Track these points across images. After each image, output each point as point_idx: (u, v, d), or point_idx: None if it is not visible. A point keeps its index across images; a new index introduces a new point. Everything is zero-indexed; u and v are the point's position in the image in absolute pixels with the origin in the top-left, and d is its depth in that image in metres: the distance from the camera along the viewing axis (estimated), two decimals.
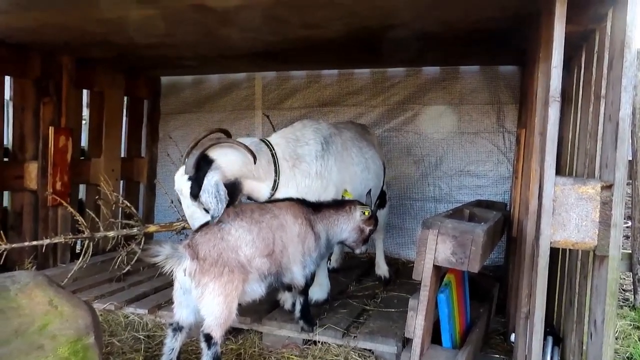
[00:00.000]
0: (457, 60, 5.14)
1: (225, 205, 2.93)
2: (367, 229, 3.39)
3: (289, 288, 3.20)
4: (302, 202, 3.26)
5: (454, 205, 4.88)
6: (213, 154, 3.06)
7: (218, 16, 3.47)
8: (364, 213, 3.34)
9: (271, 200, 3.30)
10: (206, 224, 2.89)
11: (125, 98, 5.86)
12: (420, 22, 3.55)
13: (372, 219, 3.40)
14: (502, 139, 5.19)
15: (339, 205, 3.39)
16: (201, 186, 2.97)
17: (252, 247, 2.87)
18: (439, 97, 5.35)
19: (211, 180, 2.97)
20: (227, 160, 3.08)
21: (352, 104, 5.59)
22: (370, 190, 3.66)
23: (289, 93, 5.76)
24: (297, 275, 3.10)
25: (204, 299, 2.72)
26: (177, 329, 2.89)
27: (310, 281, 3.27)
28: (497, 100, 5.19)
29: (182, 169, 3.06)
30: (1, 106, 4.49)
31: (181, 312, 2.87)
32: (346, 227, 3.34)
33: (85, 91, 5.46)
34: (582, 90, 2.76)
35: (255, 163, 3.18)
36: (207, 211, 3.00)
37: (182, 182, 3.03)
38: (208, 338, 2.73)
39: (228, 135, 3.44)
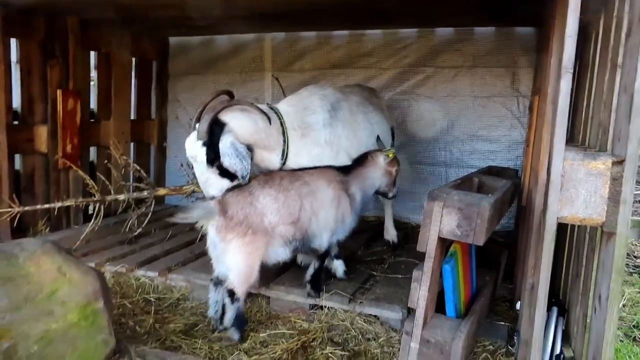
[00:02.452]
0: (471, 21, 4.95)
1: (250, 161, 2.98)
2: (394, 170, 3.49)
3: (315, 252, 3.27)
4: (333, 168, 3.33)
5: (465, 171, 4.84)
6: (225, 117, 3.01)
7: None
8: (387, 155, 3.43)
9: (304, 168, 3.33)
10: (239, 186, 3.00)
11: (133, 60, 5.79)
12: None
13: (395, 160, 3.49)
14: (516, 103, 5.05)
15: (363, 159, 3.45)
16: (217, 151, 2.95)
17: (276, 216, 2.97)
18: (452, 59, 5.19)
19: (226, 142, 2.96)
20: (240, 124, 3.05)
21: (362, 66, 5.45)
22: (378, 136, 3.65)
23: (298, 55, 5.63)
24: (324, 241, 3.20)
25: (227, 255, 2.89)
26: (218, 283, 3.05)
27: (332, 249, 3.36)
28: (512, 64, 5.01)
29: (194, 134, 3.01)
30: (8, 69, 4.46)
31: (218, 267, 3.03)
32: (376, 176, 3.44)
33: (92, 53, 5.40)
34: (598, 57, 2.65)
35: (270, 124, 3.17)
36: (224, 175, 3.01)
37: (196, 149, 2.98)
38: (231, 294, 2.92)
39: (232, 97, 3.39)
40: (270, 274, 3.56)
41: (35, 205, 4.25)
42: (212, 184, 3.06)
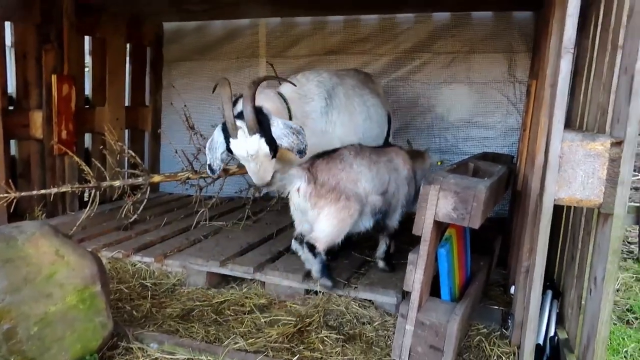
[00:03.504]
0: (469, 5, 4.92)
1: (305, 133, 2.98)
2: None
3: (387, 230, 3.38)
4: (403, 150, 3.52)
5: (460, 157, 4.83)
6: (257, 102, 2.93)
7: None
8: (437, 163, 3.73)
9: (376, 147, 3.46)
10: (325, 153, 3.11)
11: (128, 45, 5.73)
12: None
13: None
14: (512, 89, 5.04)
15: (420, 154, 3.67)
16: (271, 137, 2.90)
17: (371, 183, 3.09)
18: (449, 45, 5.17)
19: (279, 124, 2.93)
20: (272, 106, 3.07)
21: (358, 52, 5.42)
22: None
23: (294, 40, 5.59)
24: (397, 218, 3.35)
25: (319, 220, 3.02)
26: (303, 240, 3.18)
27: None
28: (510, 49, 5.00)
29: (242, 134, 2.88)
30: (2, 53, 4.41)
31: (302, 227, 3.20)
32: (423, 174, 3.53)
33: (87, 38, 5.35)
34: (599, 39, 2.64)
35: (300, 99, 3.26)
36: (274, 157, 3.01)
37: (255, 144, 2.87)
38: (312, 248, 3.09)
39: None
40: (264, 259, 3.58)
41: (31, 191, 4.23)
42: (267, 169, 3.02)
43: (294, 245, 3.58)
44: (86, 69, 5.50)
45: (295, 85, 3.33)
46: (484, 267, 3.21)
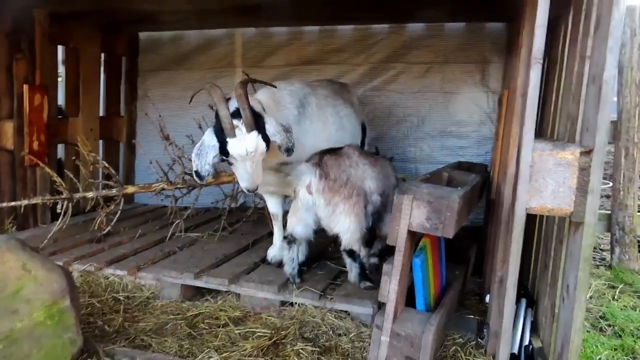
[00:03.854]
0: (443, 17, 4.99)
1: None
2: None
3: (373, 237, 3.41)
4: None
5: (435, 167, 4.86)
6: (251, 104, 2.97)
7: None
8: (402, 179, 3.71)
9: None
10: (329, 151, 3.15)
11: (102, 55, 5.65)
12: None
13: None
14: (485, 99, 5.10)
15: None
16: (266, 135, 2.93)
17: (374, 182, 3.14)
18: (423, 55, 5.21)
19: (272, 122, 2.97)
20: (256, 106, 3.07)
21: (334, 62, 5.43)
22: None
23: (270, 50, 5.58)
24: (386, 223, 3.30)
25: (335, 217, 3.03)
26: (292, 240, 3.22)
27: None
28: (482, 59, 5.07)
29: (241, 132, 2.87)
30: None
31: (295, 227, 3.20)
32: None
33: (60, 48, 5.26)
34: (567, 49, 2.69)
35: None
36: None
37: (254, 141, 2.88)
38: (351, 253, 3.15)
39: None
40: (239, 270, 3.53)
41: (1, 203, 4.11)
42: (259, 171, 3.03)
43: (271, 253, 3.57)
44: (60, 79, 5.41)
45: (276, 87, 3.36)
46: (459, 276, 3.22)
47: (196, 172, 3.01)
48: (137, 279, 3.61)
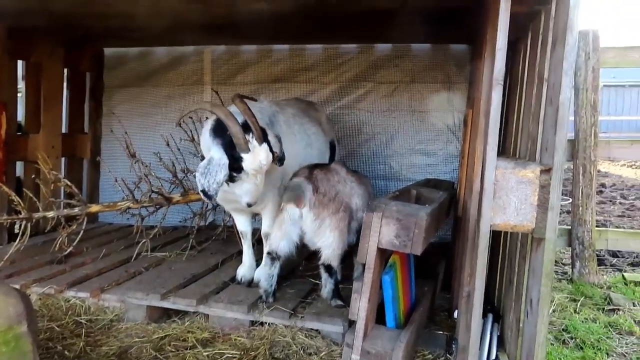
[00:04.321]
0: (409, 38, 5.12)
1: None
2: None
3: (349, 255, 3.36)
4: None
5: (404, 184, 4.94)
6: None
7: None
8: None
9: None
10: (318, 166, 3.20)
11: (66, 70, 5.54)
12: None
13: None
14: (451, 117, 5.24)
15: None
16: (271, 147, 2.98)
17: (361, 200, 3.20)
18: (391, 75, 5.34)
19: (271, 134, 3.06)
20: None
21: (303, 80, 5.49)
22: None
23: (239, 68, 5.59)
24: None
25: (320, 232, 3.03)
26: (276, 258, 3.20)
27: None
28: (448, 79, 5.22)
29: (258, 145, 2.90)
30: None
31: (280, 243, 3.16)
32: None
33: (20, 63, 5.12)
34: (527, 72, 2.79)
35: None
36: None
37: (267, 153, 2.93)
38: (329, 268, 3.14)
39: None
40: (208, 291, 3.47)
41: None
42: (262, 184, 3.04)
43: (241, 272, 3.51)
44: (19, 94, 5.26)
45: (256, 100, 3.37)
46: (428, 292, 3.26)
47: (203, 191, 2.91)
48: (100, 301, 3.50)
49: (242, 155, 2.88)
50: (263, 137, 2.92)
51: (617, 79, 20.52)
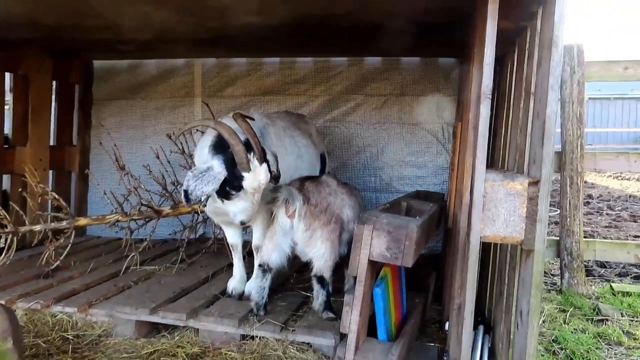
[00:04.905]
0: (398, 52, 5.17)
1: None
2: None
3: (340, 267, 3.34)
4: None
5: (395, 196, 4.97)
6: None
7: None
8: None
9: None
10: (309, 178, 3.22)
11: (54, 83, 5.51)
12: (365, 11, 3.53)
13: None
14: (441, 130, 5.29)
15: None
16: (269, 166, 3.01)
17: (352, 211, 3.21)
18: (381, 87, 5.38)
19: (269, 152, 3.07)
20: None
21: (294, 93, 5.52)
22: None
23: (229, 81, 5.61)
24: None
25: (312, 243, 3.04)
26: (267, 270, 3.19)
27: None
28: (437, 92, 5.28)
29: (258, 165, 2.92)
30: None
31: (272, 254, 3.16)
32: None
33: (8, 75, 5.09)
34: (514, 86, 2.83)
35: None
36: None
37: (266, 173, 2.96)
38: (321, 280, 3.14)
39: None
40: (198, 304, 3.44)
41: None
42: (257, 203, 3.05)
43: (232, 285, 3.49)
44: (7, 107, 5.22)
45: (254, 119, 3.35)
46: (419, 304, 3.26)
47: (185, 191, 2.88)
48: (88, 316, 3.45)
49: (243, 174, 2.88)
50: (263, 157, 2.94)
51: (602, 92, 20.88)
